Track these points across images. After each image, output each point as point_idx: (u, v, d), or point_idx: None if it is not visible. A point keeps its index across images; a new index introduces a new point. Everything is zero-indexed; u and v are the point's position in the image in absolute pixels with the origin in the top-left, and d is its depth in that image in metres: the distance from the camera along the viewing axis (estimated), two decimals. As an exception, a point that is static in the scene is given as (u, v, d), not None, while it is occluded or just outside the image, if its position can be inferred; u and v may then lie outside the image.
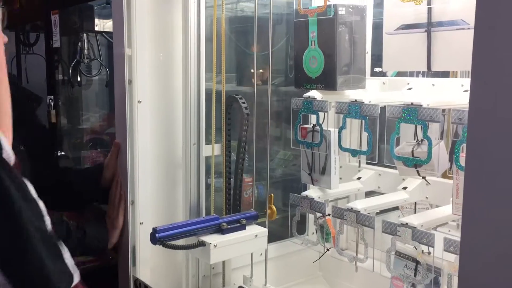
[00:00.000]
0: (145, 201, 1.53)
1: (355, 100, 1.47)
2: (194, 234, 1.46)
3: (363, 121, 1.46)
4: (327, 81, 1.57)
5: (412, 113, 1.31)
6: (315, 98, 1.58)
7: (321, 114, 1.56)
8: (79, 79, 2.31)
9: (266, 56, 1.65)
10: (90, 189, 1.63)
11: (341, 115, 1.53)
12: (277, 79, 2.28)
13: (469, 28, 1.23)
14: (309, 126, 1.63)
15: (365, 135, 1.48)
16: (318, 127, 1.57)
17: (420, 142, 1.36)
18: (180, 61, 1.57)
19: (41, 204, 0.88)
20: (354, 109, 1.47)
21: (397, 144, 1.41)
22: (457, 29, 1.26)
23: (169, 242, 1.39)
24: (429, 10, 1.30)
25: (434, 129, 1.34)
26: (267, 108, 1.65)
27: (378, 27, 1.72)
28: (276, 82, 2.23)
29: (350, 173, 1.84)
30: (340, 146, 1.55)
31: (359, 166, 1.83)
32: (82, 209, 1.68)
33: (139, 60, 1.49)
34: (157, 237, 1.38)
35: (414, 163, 1.35)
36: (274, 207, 1.69)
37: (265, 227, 1.58)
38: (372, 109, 1.42)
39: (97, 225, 1.57)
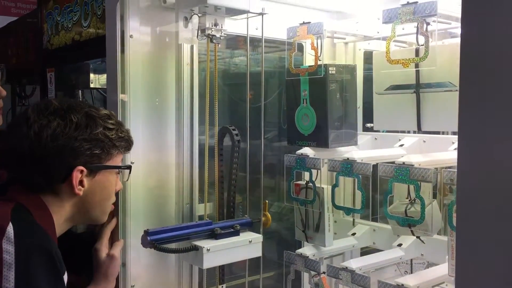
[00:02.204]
0: (137, 264, 1.49)
1: (348, 159, 1.47)
2: (186, 238, 1.43)
3: (356, 179, 1.46)
4: (319, 138, 1.58)
5: (404, 172, 1.31)
6: (308, 155, 1.59)
7: (314, 171, 1.56)
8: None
9: (259, 108, 1.68)
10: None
11: (334, 173, 1.53)
12: (271, 133, 2.30)
13: (456, 90, 1.24)
14: (302, 182, 1.63)
15: (358, 193, 1.48)
16: (312, 184, 1.57)
17: (413, 201, 1.36)
18: (174, 117, 1.58)
19: None
20: (347, 168, 1.47)
21: (391, 202, 1.40)
22: (445, 90, 1.28)
23: (160, 245, 1.36)
24: (417, 72, 1.33)
25: (427, 186, 1.34)
26: (260, 160, 1.65)
27: (370, 80, 1.74)
28: (269, 136, 2.25)
29: (345, 228, 1.82)
30: (333, 204, 1.54)
31: (353, 222, 1.82)
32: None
33: (133, 120, 1.50)
34: (148, 240, 1.35)
35: (408, 222, 1.34)
36: (269, 214, 1.65)
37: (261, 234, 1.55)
38: (364, 168, 1.42)
39: None
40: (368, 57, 1.89)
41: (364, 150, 1.65)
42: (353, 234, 1.76)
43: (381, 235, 1.73)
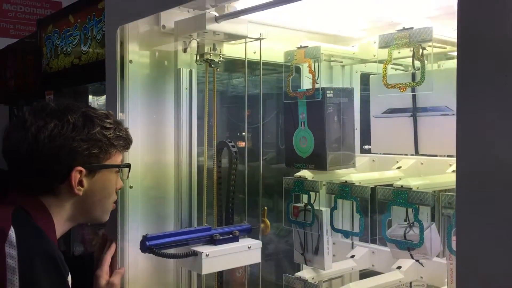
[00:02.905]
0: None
1: (346, 182, 1.48)
2: (185, 244, 1.42)
3: (355, 202, 1.46)
4: (317, 161, 1.59)
5: (402, 196, 1.32)
6: (306, 178, 1.59)
7: (312, 193, 1.56)
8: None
9: (257, 128, 1.69)
10: None
11: (333, 195, 1.53)
12: (269, 154, 2.31)
13: (453, 115, 1.26)
14: (301, 205, 1.63)
15: (357, 215, 1.48)
16: (310, 207, 1.57)
17: (412, 225, 1.36)
18: (172, 139, 1.59)
19: None
20: (345, 191, 1.47)
21: (389, 225, 1.41)
22: (441, 114, 1.30)
23: (159, 251, 1.35)
24: (414, 96, 1.35)
25: (425, 209, 1.34)
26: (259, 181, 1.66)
27: (367, 101, 1.76)
28: (267, 157, 2.26)
29: (344, 250, 1.82)
30: (332, 227, 1.54)
31: (352, 244, 1.81)
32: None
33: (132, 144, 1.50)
34: (147, 245, 1.34)
35: (407, 246, 1.34)
36: (267, 221, 1.64)
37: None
38: (363, 191, 1.43)
39: None
40: (365, 79, 1.91)
41: (362, 172, 1.65)
42: (352, 256, 1.75)
43: (380, 257, 1.72)
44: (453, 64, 1.56)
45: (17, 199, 1.18)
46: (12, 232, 1.06)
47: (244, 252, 1.47)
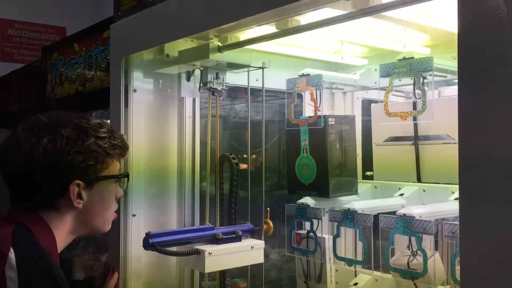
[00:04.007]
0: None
1: (348, 209, 1.48)
2: (188, 242, 1.41)
3: (357, 230, 1.46)
4: (319, 188, 1.59)
5: (405, 224, 1.32)
6: (308, 205, 1.60)
7: (315, 220, 1.56)
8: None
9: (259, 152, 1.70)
10: None
11: (335, 223, 1.53)
12: (271, 180, 2.31)
13: (454, 143, 1.27)
14: (304, 232, 1.63)
15: (360, 243, 1.48)
16: (313, 234, 1.57)
17: (415, 253, 1.36)
18: (175, 165, 1.60)
19: None
20: (348, 218, 1.47)
21: (392, 253, 1.40)
22: (443, 143, 1.31)
23: (162, 248, 1.34)
24: (415, 125, 1.36)
25: (428, 237, 1.34)
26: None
27: (369, 127, 1.76)
28: (269, 182, 2.26)
29: (347, 277, 1.81)
30: (335, 255, 1.54)
31: (355, 272, 1.80)
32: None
33: (135, 171, 1.51)
34: (150, 242, 1.34)
35: (411, 275, 1.33)
36: (270, 222, 1.63)
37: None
38: (366, 219, 1.43)
39: None
40: (367, 104, 1.92)
41: (364, 199, 1.66)
42: (355, 284, 1.74)
43: (383, 284, 1.71)
44: (454, 90, 1.58)
45: (17, 214, 1.17)
46: (12, 254, 1.05)
47: (247, 252, 1.47)
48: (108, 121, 1.61)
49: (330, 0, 1.03)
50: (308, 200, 1.61)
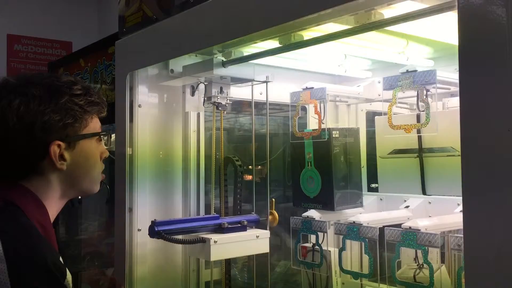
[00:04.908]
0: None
1: (354, 222, 1.47)
2: (193, 231, 1.41)
3: (363, 243, 1.46)
4: (324, 201, 1.59)
5: (411, 237, 1.31)
6: (314, 218, 1.59)
7: (320, 233, 1.56)
8: (79, 196, 2.32)
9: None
10: None
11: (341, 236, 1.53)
12: (276, 192, 2.31)
13: (459, 155, 1.27)
14: (309, 245, 1.62)
15: (366, 256, 1.47)
16: (318, 247, 1.57)
17: (421, 266, 1.35)
18: (180, 180, 1.61)
19: None
20: (353, 231, 1.47)
21: (399, 266, 1.39)
22: (447, 155, 1.30)
23: (167, 235, 1.34)
24: (420, 137, 1.36)
25: (434, 250, 1.33)
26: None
27: (374, 138, 1.76)
28: (274, 195, 2.26)
29: (353, 290, 1.80)
30: (341, 268, 1.53)
31: (361, 285, 1.79)
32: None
33: (140, 185, 1.52)
34: (155, 230, 1.33)
35: (417, 288, 1.32)
36: (275, 213, 1.63)
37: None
38: (371, 232, 1.42)
39: None
40: (371, 116, 1.93)
41: (369, 211, 1.65)
42: (362, 297, 1.73)
43: (390, 297, 1.70)
44: (457, 102, 1.58)
45: (1, 191, 1.11)
46: None
47: (252, 241, 1.47)
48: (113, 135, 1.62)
49: (332, 15, 1.03)
50: (313, 213, 1.61)
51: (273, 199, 1.66)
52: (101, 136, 1.21)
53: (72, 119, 1.12)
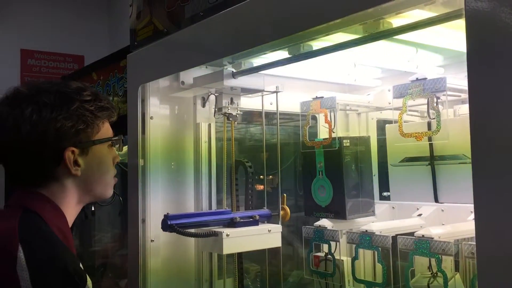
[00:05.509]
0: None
1: (366, 231, 1.47)
2: (205, 225, 1.42)
3: (376, 252, 1.45)
4: (336, 210, 1.59)
5: (424, 245, 1.30)
6: (326, 227, 1.59)
7: (333, 243, 1.56)
8: (92, 208, 2.35)
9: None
10: None
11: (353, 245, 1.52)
12: (287, 201, 2.31)
13: (471, 163, 1.26)
14: (322, 254, 1.62)
15: (379, 265, 1.46)
16: (331, 256, 1.56)
17: (435, 275, 1.34)
18: (192, 191, 1.62)
19: None
20: (366, 240, 1.46)
21: (412, 275, 1.38)
22: (459, 163, 1.30)
23: (180, 229, 1.34)
24: (431, 145, 1.35)
25: (448, 258, 1.32)
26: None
27: (385, 146, 1.76)
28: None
29: (367, 300, 1.78)
30: (354, 277, 1.52)
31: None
32: None
33: (153, 196, 1.53)
34: (168, 223, 1.34)
35: (432, 297, 1.31)
36: (287, 208, 1.63)
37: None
38: (384, 240, 1.42)
39: None
40: (382, 123, 1.93)
41: (382, 220, 1.64)
42: (376, 306, 1.71)
43: (404, 307, 1.68)
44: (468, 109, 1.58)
45: (21, 198, 1.14)
46: (20, 253, 1.01)
47: (264, 235, 1.48)
48: (125, 147, 1.64)
49: (341, 25, 1.04)
50: (325, 222, 1.61)
51: (285, 195, 1.66)
52: (113, 141, 1.23)
53: (84, 124, 1.15)
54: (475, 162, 0.78)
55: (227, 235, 1.39)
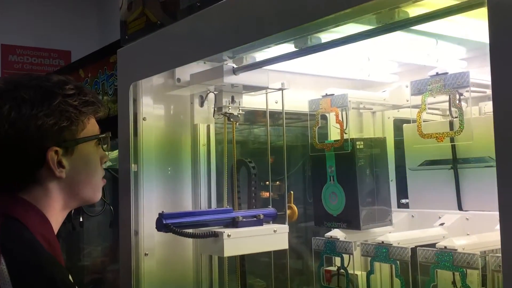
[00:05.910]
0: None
1: (382, 242, 1.47)
2: (204, 225, 1.40)
3: (393, 266, 1.45)
4: (349, 219, 1.59)
5: (447, 258, 1.30)
6: (338, 238, 1.59)
7: (345, 255, 1.55)
8: (81, 219, 2.36)
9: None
10: None
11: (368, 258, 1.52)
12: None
13: (498, 166, 1.26)
14: (334, 268, 1.62)
15: (397, 280, 1.46)
16: (344, 271, 1.56)
17: (460, 291, 1.33)
18: (190, 198, 1.62)
19: None
20: (382, 252, 1.46)
21: (434, 291, 1.38)
22: (485, 166, 1.29)
23: (177, 228, 1.32)
24: (453, 147, 1.35)
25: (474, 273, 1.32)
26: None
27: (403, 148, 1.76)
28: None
29: (384, 318, 1.78)
30: (369, 294, 1.52)
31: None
32: None
33: (146, 204, 1.54)
34: (163, 222, 1.33)
35: (456, 316, 1.31)
36: (294, 207, 1.62)
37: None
38: (402, 253, 1.41)
39: None
40: (399, 123, 1.92)
41: (400, 230, 1.64)
42: (394, 326, 1.71)
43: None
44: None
45: (0, 205, 1.12)
46: (3, 266, 1.00)
47: (269, 236, 1.46)
48: (116, 151, 1.65)
49: (352, 16, 1.04)
50: (337, 233, 1.61)
51: (291, 192, 1.65)
52: (100, 139, 1.21)
53: (67, 121, 1.13)
54: (499, 165, 0.78)
55: (228, 235, 1.37)
